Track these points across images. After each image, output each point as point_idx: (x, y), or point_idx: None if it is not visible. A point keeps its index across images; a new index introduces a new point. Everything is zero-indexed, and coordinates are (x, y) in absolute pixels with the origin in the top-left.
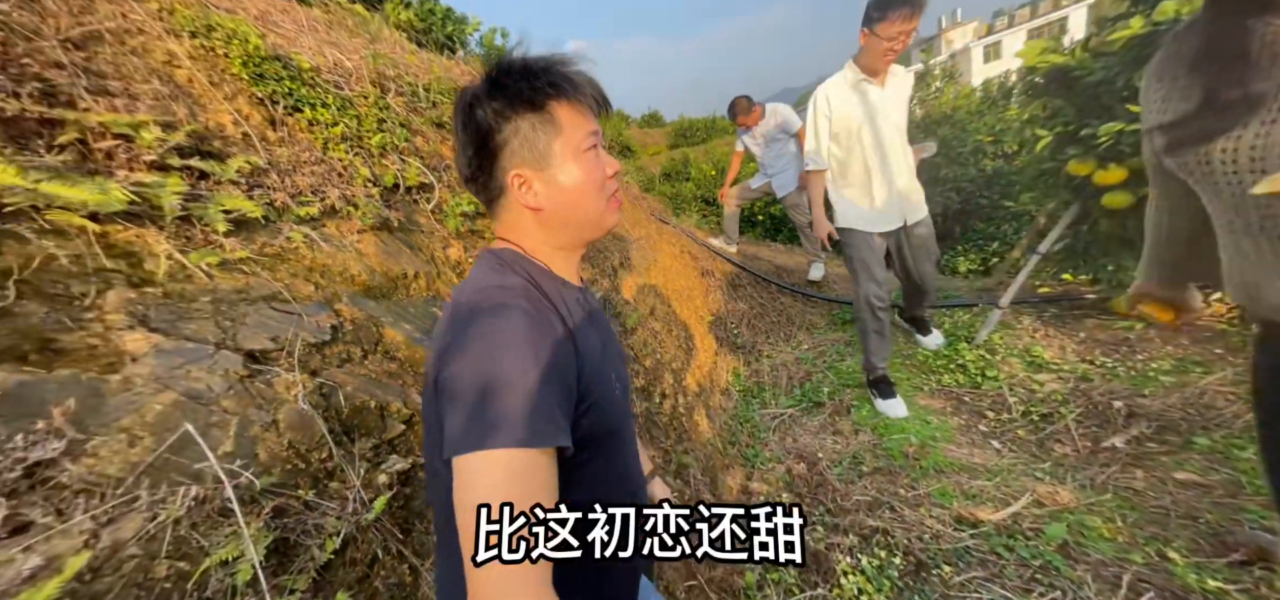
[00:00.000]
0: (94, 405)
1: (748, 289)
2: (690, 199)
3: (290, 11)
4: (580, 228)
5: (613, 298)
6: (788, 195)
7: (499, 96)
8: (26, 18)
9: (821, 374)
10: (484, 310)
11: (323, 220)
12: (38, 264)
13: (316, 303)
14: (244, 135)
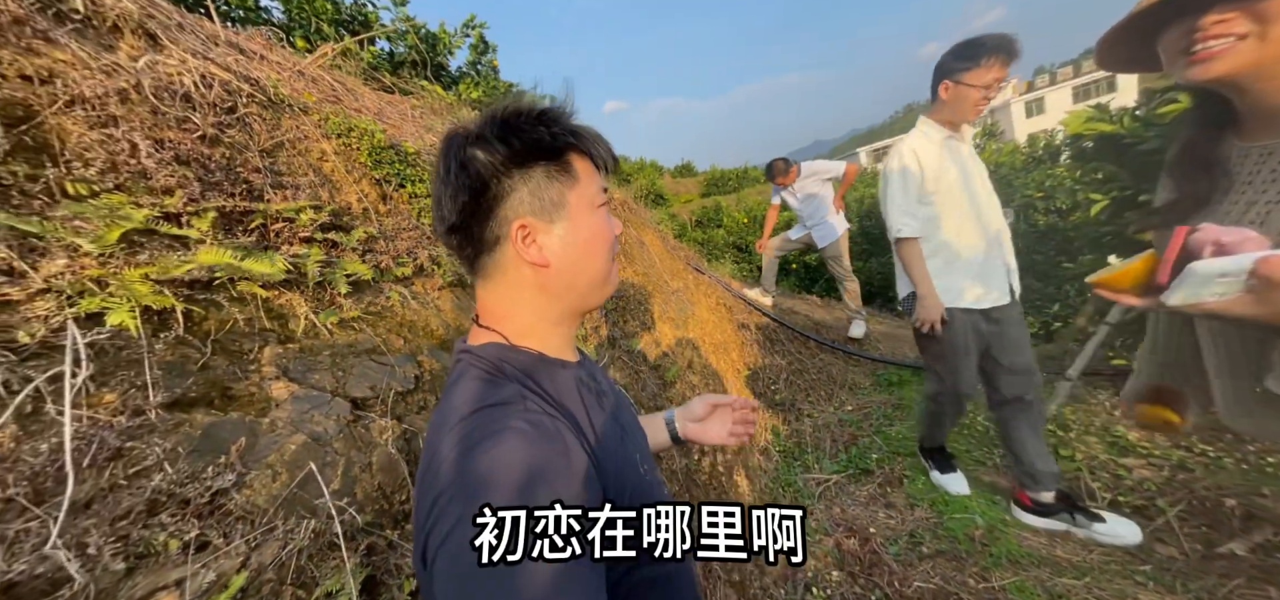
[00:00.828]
0: (251, 444)
1: (785, 344)
2: (723, 246)
3: (396, 104)
4: (586, 291)
5: (651, 351)
6: (828, 246)
7: (511, 141)
8: (239, 136)
9: (868, 438)
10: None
11: (413, 279)
12: (228, 326)
13: (405, 355)
14: (364, 210)
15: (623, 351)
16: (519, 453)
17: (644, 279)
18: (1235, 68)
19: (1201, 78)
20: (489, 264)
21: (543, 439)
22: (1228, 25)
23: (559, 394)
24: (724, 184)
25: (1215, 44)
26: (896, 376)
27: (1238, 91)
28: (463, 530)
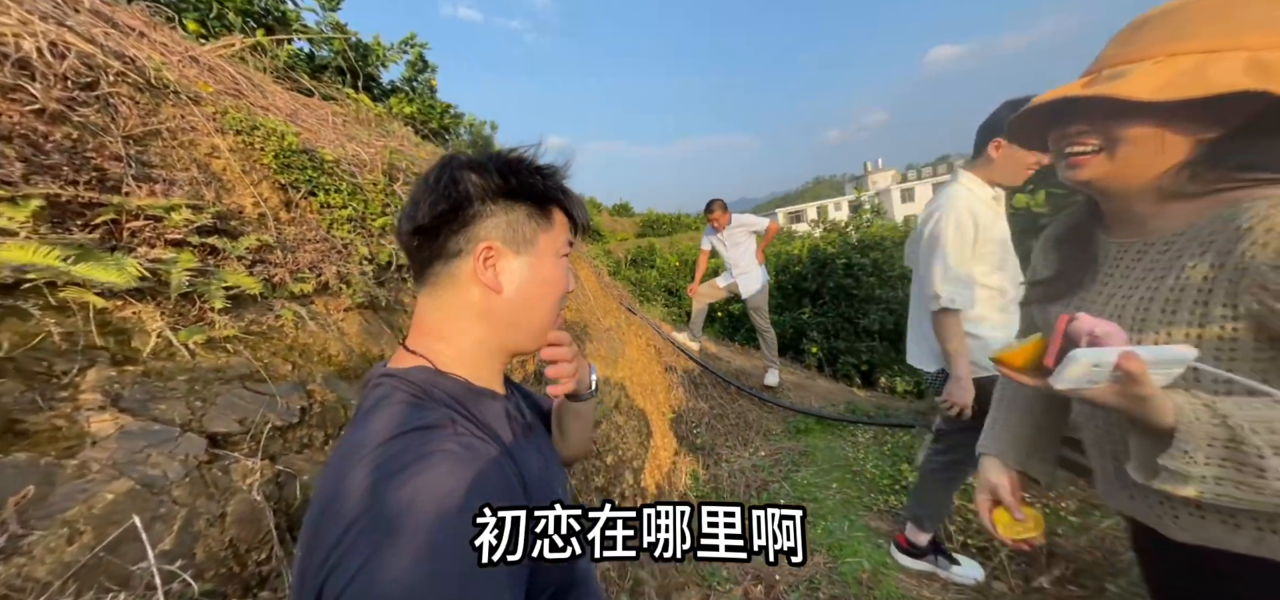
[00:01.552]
0: (43, 494)
1: (708, 388)
2: (655, 288)
3: (315, 108)
4: (526, 332)
5: None
6: (751, 295)
7: (508, 178)
8: (100, 118)
9: (778, 484)
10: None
11: (314, 297)
12: (34, 341)
13: (292, 383)
14: (260, 216)
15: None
16: (450, 478)
17: (577, 315)
18: (1093, 177)
19: (1070, 180)
20: (442, 273)
21: (476, 462)
22: (1085, 139)
23: (490, 422)
24: (659, 226)
25: (1079, 152)
26: (803, 424)
27: (1099, 195)
28: (378, 564)
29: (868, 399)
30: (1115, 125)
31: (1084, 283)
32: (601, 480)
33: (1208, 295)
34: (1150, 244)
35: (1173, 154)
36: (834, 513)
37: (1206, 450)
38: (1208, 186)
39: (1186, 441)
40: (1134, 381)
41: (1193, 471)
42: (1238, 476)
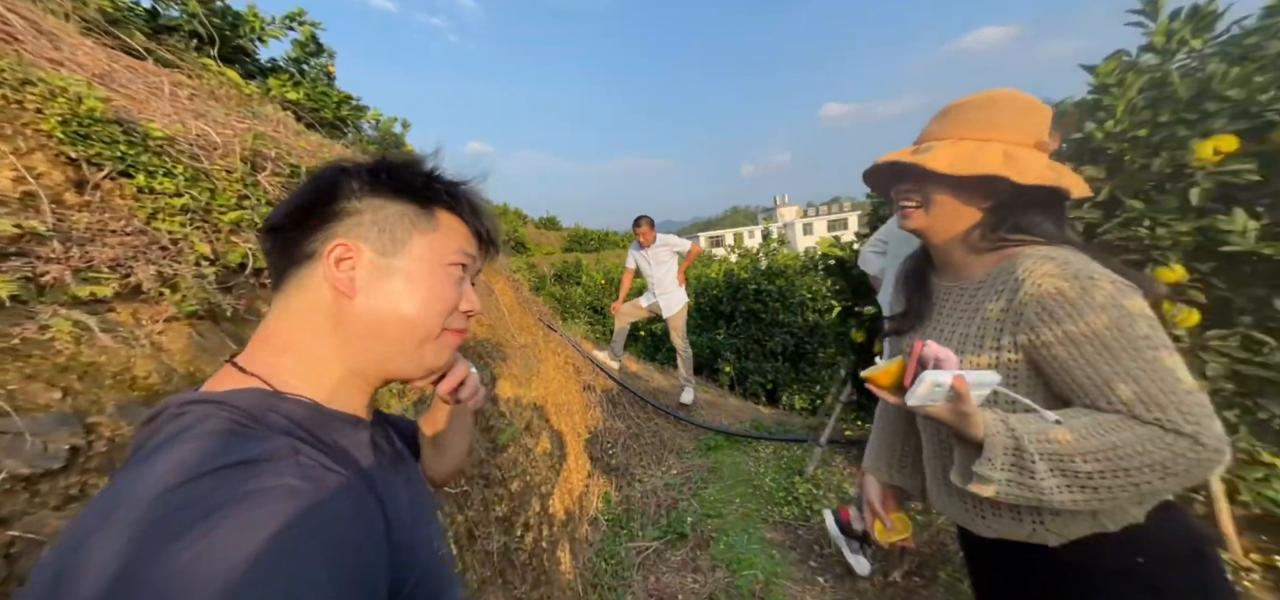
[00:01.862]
0: None
1: (626, 408)
2: (580, 305)
3: (145, 73)
4: (389, 353)
5: (486, 410)
6: (672, 315)
7: (380, 173)
8: None
9: (687, 501)
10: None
11: (113, 303)
12: None
13: (57, 416)
14: (26, 195)
15: None
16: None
17: (489, 331)
18: (917, 226)
19: (902, 227)
20: (291, 279)
21: (323, 497)
22: (911, 195)
23: (346, 449)
24: (586, 242)
25: (907, 206)
26: (714, 441)
27: (926, 242)
28: None
29: (771, 416)
30: (928, 187)
31: (925, 317)
32: (504, 509)
33: (1000, 330)
34: (965, 288)
35: (969, 215)
36: (735, 527)
37: (1001, 458)
38: (994, 243)
39: (990, 450)
40: (961, 399)
41: (993, 475)
42: (1020, 478)
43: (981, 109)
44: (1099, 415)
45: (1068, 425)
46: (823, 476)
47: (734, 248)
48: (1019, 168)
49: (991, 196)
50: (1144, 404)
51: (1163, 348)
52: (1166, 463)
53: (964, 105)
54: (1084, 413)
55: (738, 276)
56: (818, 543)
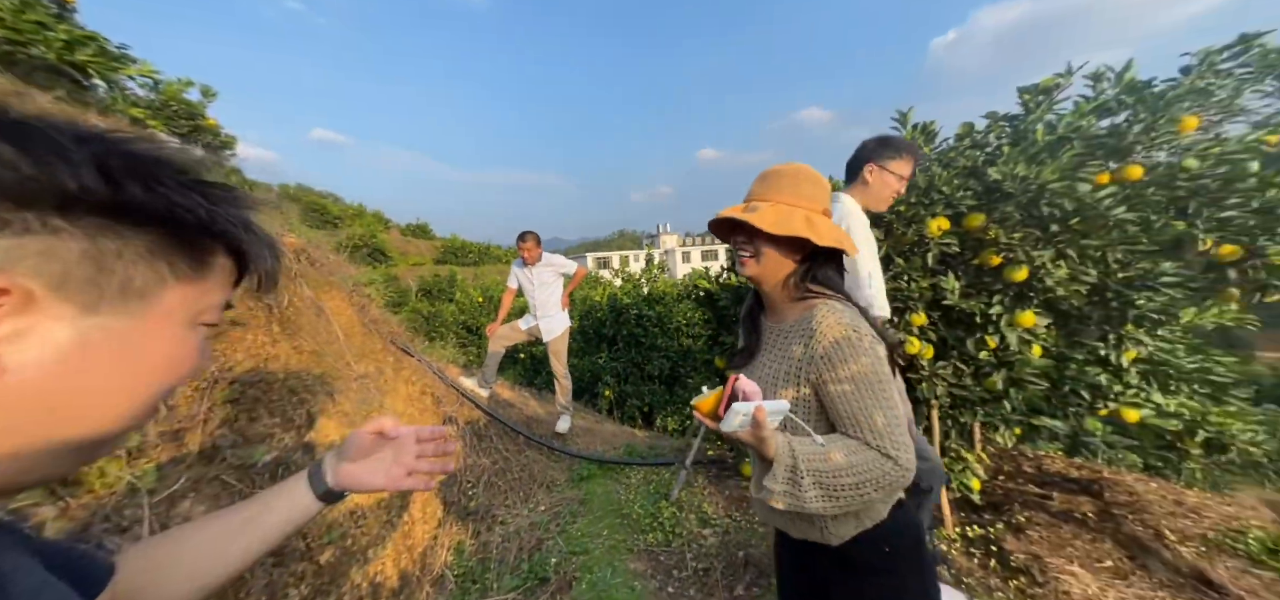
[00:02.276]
0: None
1: (495, 440)
2: (451, 324)
3: None
4: (62, 443)
5: (294, 461)
6: (553, 339)
7: (128, 186)
8: None
9: (553, 540)
10: None
11: None
12: None
13: None
14: None
15: (231, 466)
16: None
17: (311, 360)
18: (750, 274)
19: (739, 274)
20: None
21: None
22: (745, 247)
23: None
24: (464, 255)
25: (743, 255)
26: (587, 470)
27: (758, 288)
28: None
29: (645, 439)
30: (758, 241)
31: (757, 353)
32: (304, 591)
33: (800, 369)
34: (781, 330)
35: (786, 267)
36: (600, 562)
37: (782, 473)
38: (802, 293)
39: (776, 466)
40: (758, 425)
41: (775, 487)
42: (792, 490)
43: (788, 179)
44: (847, 440)
45: (830, 447)
46: (687, 498)
47: (619, 271)
48: (818, 231)
49: (799, 252)
50: (876, 433)
51: (890, 388)
52: (880, 479)
53: (778, 174)
54: (840, 438)
55: (621, 301)
56: (677, 567)
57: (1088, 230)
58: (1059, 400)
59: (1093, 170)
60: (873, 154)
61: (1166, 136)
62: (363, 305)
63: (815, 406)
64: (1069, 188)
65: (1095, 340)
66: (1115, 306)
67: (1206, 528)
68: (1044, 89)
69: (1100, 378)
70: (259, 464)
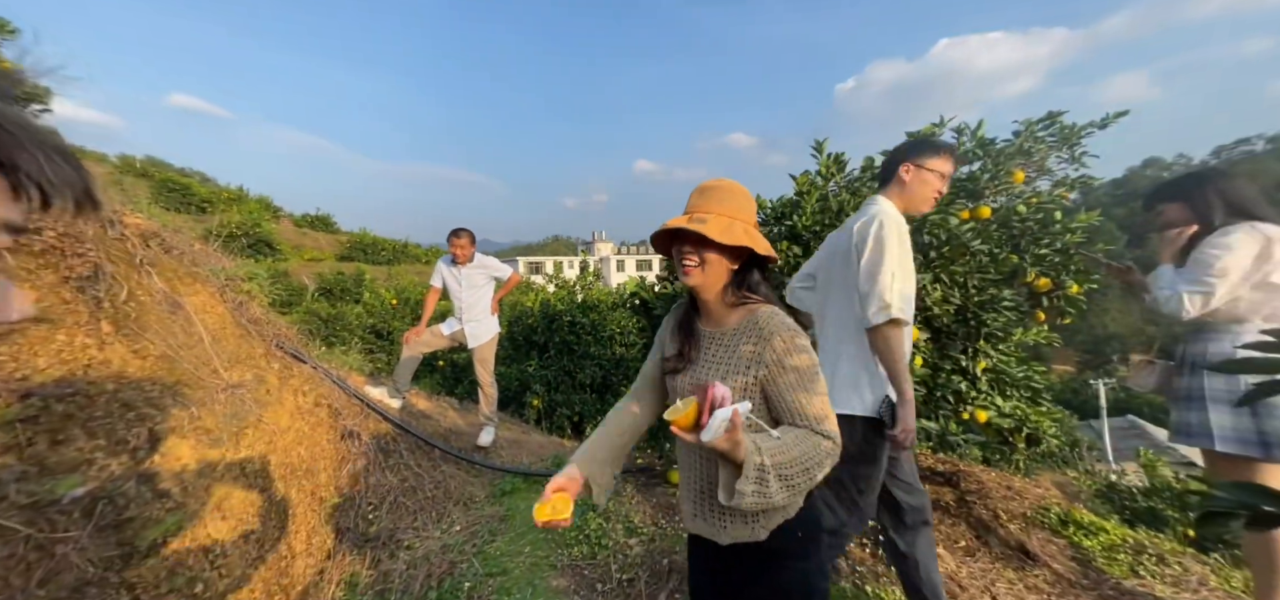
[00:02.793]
0: None
1: (405, 455)
2: (355, 328)
3: None
4: None
5: (125, 492)
6: (480, 346)
7: None
8: None
9: (468, 563)
10: None
11: None
12: None
13: None
14: None
15: (15, 505)
16: None
17: (159, 365)
18: (695, 283)
19: (682, 282)
20: None
21: None
22: (690, 256)
23: None
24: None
25: (687, 264)
26: (510, 485)
27: (698, 295)
28: None
29: (574, 449)
30: (704, 250)
31: (694, 359)
32: None
33: (748, 365)
34: (723, 334)
35: (724, 275)
36: (520, 583)
37: (753, 473)
38: (739, 299)
39: (747, 468)
40: (735, 428)
41: (746, 489)
42: (760, 489)
43: (726, 193)
44: (795, 430)
45: (782, 439)
46: (614, 507)
47: (553, 277)
48: (757, 241)
49: (736, 260)
50: (817, 420)
51: (818, 378)
52: (821, 460)
53: (715, 188)
54: (788, 429)
55: (554, 307)
56: (601, 580)
57: (954, 257)
58: (933, 404)
59: (957, 208)
60: (909, 153)
61: (1005, 185)
62: (240, 303)
63: (758, 399)
64: (943, 220)
65: (959, 352)
66: (973, 324)
67: (1026, 507)
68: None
69: (961, 385)
70: (66, 498)
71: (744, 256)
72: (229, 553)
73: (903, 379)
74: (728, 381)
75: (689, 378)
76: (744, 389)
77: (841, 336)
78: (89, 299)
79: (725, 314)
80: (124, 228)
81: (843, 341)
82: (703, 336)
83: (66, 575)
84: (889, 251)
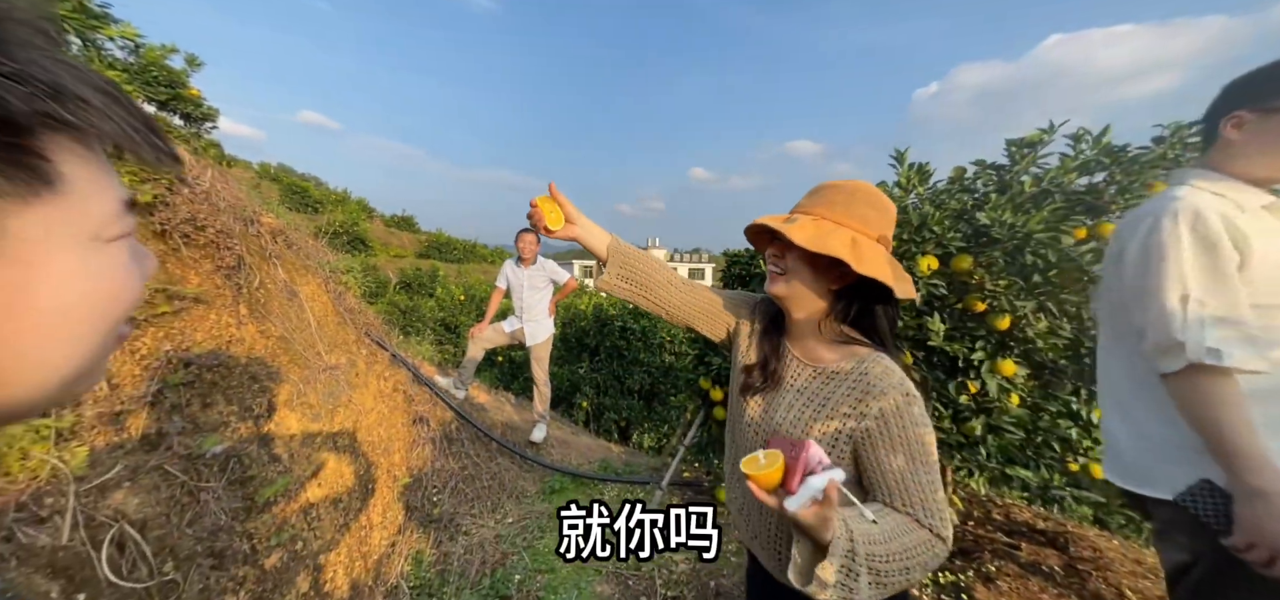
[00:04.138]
0: None
1: (465, 444)
2: (429, 320)
3: None
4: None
5: (246, 455)
6: (537, 344)
7: None
8: None
9: (518, 555)
10: None
11: None
12: None
13: None
14: None
15: (176, 456)
16: None
17: (278, 346)
18: (779, 293)
19: (768, 291)
20: None
21: None
22: (779, 261)
23: None
24: (449, 251)
25: (774, 271)
26: (559, 483)
27: (785, 309)
28: None
29: (621, 455)
30: (790, 257)
31: (772, 383)
32: (243, 598)
33: (845, 421)
34: (818, 371)
35: (820, 296)
36: (566, 583)
37: (840, 561)
38: (842, 337)
39: (833, 554)
40: (829, 505)
41: (829, 579)
42: (846, 581)
43: (842, 194)
44: (896, 516)
45: (880, 524)
46: None
47: None
48: (860, 257)
49: (839, 281)
50: (927, 511)
51: (935, 460)
52: (928, 562)
53: (832, 188)
54: (885, 511)
55: (607, 312)
56: (646, 594)
57: (1065, 283)
58: (1033, 451)
59: (1072, 225)
60: (1244, 94)
61: (1139, 198)
62: (339, 293)
63: (847, 463)
64: (1054, 239)
65: (1068, 394)
66: (1089, 363)
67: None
68: (1029, 143)
69: (1071, 432)
70: (208, 454)
71: (850, 278)
72: (322, 517)
73: (1239, 459)
74: (815, 428)
75: (766, 410)
76: (832, 443)
77: (1121, 367)
78: (232, 286)
79: (820, 346)
80: (260, 225)
81: (1125, 374)
82: (791, 362)
83: (206, 519)
84: (1177, 260)
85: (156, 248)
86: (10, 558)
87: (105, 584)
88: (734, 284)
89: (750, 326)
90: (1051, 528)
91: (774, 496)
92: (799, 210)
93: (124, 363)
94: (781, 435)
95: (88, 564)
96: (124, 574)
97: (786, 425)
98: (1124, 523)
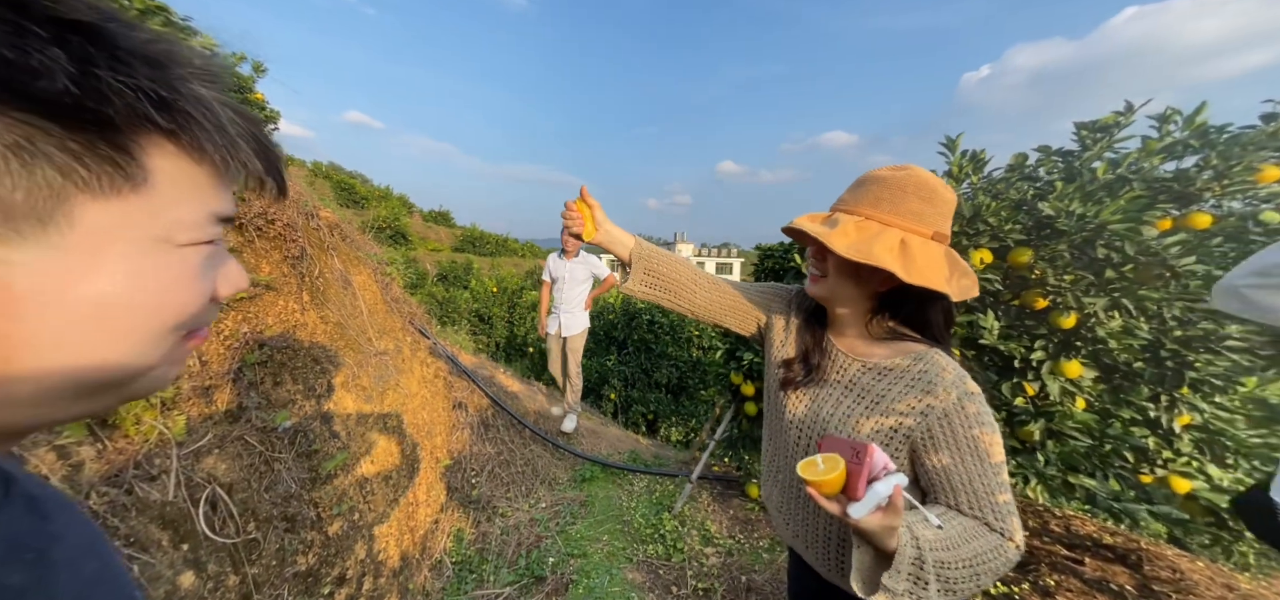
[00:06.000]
0: None
1: (501, 431)
2: (464, 311)
3: None
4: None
5: (311, 430)
6: (573, 336)
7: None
8: None
9: (552, 539)
10: None
11: None
12: None
13: None
14: None
15: (254, 428)
16: None
17: (335, 331)
18: (818, 294)
19: (809, 291)
20: None
21: None
22: (819, 264)
23: None
24: (482, 245)
25: (814, 273)
26: (589, 472)
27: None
28: None
29: (649, 447)
30: (829, 261)
31: (816, 378)
32: (310, 561)
33: (901, 419)
34: (867, 365)
35: (864, 296)
36: (598, 568)
37: (908, 569)
38: (891, 334)
39: (898, 562)
40: (895, 512)
41: (897, 588)
42: (913, 589)
43: (890, 188)
44: (963, 520)
45: (945, 529)
46: (689, 513)
47: None
48: (910, 264)
49: (885, 284)
50: (996, 515)
51: (1002, 460)
52: (999, 567)
53: (878, 180)
54: (950, 515)
55: (635, 305)
56: (676, 583)
57: (1144, 279)
58: (1099, 459)
59: (1154, 215)
60: None
61: (1241, 185)
62: (387, 283)
63: (903, 462)
64: (1132, 230)
65: (1145, 400)
66: (1171, 367)
67: None
68: (1103, 126)
69: (1147, 441)
70: (279, 428)
71: (898, 281)
72: (375, 491)
73: None
74: (868, 424)
75: (811, 406)
76: (886, 442)
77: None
78: (297, 274)
79: (868, 341)
80: (319, 219)
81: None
82: (837, 357)
83: (279, 487)
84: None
85: (235, 239)
86: (131, 508)
87: (202, 537)
88: (767, 279)
89: (785, 319)
90: (1121, 543)
91: (835, 503)
92: (841, 208)
93: (211, 342)
94: (831, 435)
95: (189, 519)
96: (216, 530)
97: (834, 422)
98: (1209, 542)
